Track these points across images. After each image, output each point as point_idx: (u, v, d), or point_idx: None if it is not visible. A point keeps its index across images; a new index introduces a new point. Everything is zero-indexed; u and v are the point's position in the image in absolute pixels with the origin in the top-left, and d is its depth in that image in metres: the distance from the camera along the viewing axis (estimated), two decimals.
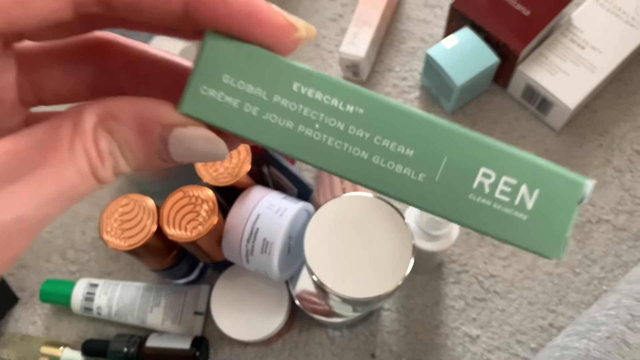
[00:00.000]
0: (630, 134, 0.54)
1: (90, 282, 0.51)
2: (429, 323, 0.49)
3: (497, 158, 0.15)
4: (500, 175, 0.15)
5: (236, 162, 0.42)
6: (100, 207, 0.56)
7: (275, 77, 0.15)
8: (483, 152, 0.15)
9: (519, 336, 0.48)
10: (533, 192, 0.15)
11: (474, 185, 0.15)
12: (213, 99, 0.15)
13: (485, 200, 0.15)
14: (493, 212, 0.15)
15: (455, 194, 0.15)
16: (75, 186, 0.14)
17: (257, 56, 0.15)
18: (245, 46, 0.15)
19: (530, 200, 0.15)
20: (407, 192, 0.16)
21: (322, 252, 0.38)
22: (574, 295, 0.49)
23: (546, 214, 0.15)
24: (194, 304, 0.50)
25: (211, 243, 0.42)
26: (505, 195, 0.15)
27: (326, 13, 0.63)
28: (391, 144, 0.15)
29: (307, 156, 0.15)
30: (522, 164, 0.15)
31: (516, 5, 0.53)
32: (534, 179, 0.15)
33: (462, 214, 0.16)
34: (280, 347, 0.50)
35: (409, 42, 0.60)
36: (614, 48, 0.52)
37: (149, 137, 0.15)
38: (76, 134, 0.14)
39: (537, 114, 0.55)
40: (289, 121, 0.15)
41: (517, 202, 0.15)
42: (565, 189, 0.15)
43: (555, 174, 0.15)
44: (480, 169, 0.15)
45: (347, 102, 0.15)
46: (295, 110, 0.15)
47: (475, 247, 0.51)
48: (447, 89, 0.52)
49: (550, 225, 0.15)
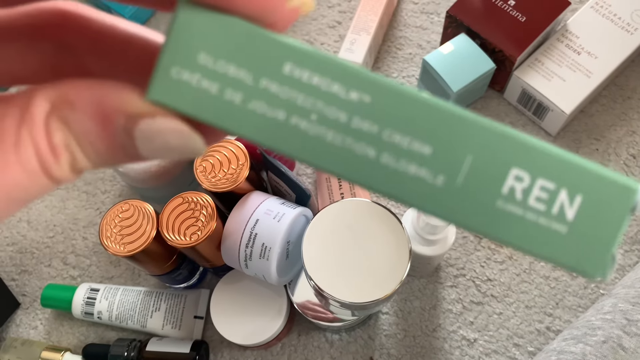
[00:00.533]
0: (626, 139, 0.54)
1: (91, 287, 0.51)
2: (426, 326, 0.50)
3: (531, 157, 0.13)
4: (535, 178, 0.13)
5: (235, 167, 0.42)
6: (101, 213, 0.57)
7: (263, 56, 0.12)
8: (515, 149, 0.13)
9: (516, 340, 0.49)
10: (574, 198, 0.13)
11: (504, 190, 0.13)
12: (187, 84, 0.12)
13: (517, 208, 0.13)
14: (526, 223, 0.13)
15: (480, 200, 0.13)
16: (22, 186, 0.12)
17: (241, 31, 0.12)
18: (227, 19, 0.12)
19: (571, 208, 0.13)
20: (422, 198, 0.13)
21: (320, 257, 0.38)
22: (570, 299, 0.49)
23: (590, 226, 0.13)
24: (194, 308, 0.51)
25: (210, 248, 0.42)
26: (541, 202, 0.13)
27: (324, 20, 0.63)
28: (404, 139, 0.13)
29: (301, 154, 0.13)
30: (562, 165, 0.13)
31: (512, 12, 0.53)
32: (576, 183, 0.13)
33: (489, 225, 0.13)
34: (279, 350, 0.50)
35: (406, 49, 0.61)
36: (610, 53, 0.53)
37: (110, 128, 0.12)
38: (23, 124, 0.11)
39: (533, 119, 0.55)
40: (279, 111, 0.12)
41: (555, 211, 0.13)
42: (614, 196, 0.13)
43: (601, 178, 0.13)
44: (511, 170, 0.13)
45: (351, 88, 0.12)
46: (287, 97, 0.12)
47: (472, 251, 0.52)
48: (443, 94, 0.53)
49: (595, 239, 0.13)
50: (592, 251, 0.13)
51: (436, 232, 0.42)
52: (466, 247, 0.52)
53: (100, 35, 0.14)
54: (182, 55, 0.12)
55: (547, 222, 0.13)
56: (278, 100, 0.12)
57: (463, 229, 0.15)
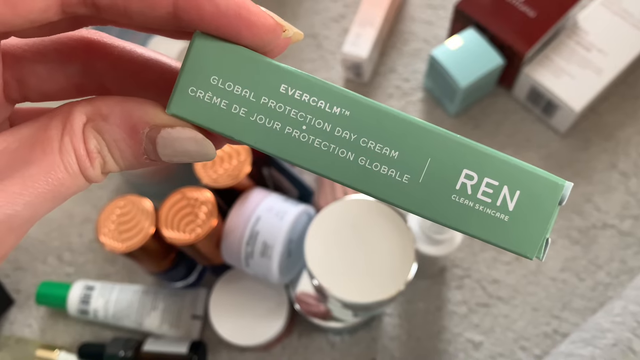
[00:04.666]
0: (636, 138, 0.53)
1: (86, 285, 0.50)
2: (431, 329, 0.49)
3: (479, 160, 0.16)
4: (483, 176, 0.16)
5: (236, 163, 0.41)
6: (98, 209, 0.56)
7: (263, 78, 0.15)
8: (466, 153, 0.16)
9: (522, 342, 0.47)
10: (514, 193, 0.16)
11: (457, 187, 0.16)
12: (201, 100, 0.15)
13: (468, 201, 0.16)
14: (475, 213, 0.16)
15: (438, 195, 0.16)
16: (65, 185, 0.14)
17: (245, 58, 0.15)
18: (233, 47, 0.15)
19: (511, 201, 0.16)
20: (392, 194, 0.16)
21: (323, 256, 0.37)
22: (578, 301, 0.48)
23: (527, 215, 0.16)
24: (192, 307, 0.49)
25: (210, 246, 0.41)
26: (487, 196, 0.16)
27: (328, 13, 0.62)
28: (377, 145, 0.16)
29: (294, 157, 0.16)
30: (504, 166, 0.16)
31: (521, 7, 0.52)
32: (515, 180, 0.16)
33: (445, 215, 0.16)
34: (280, 352, 0.49)
35: (412, 44, 0.60)
36: (620, 51, 0.52)
37: (137, 137, 0.15)
38: (65, 133, 0.14)
39: (541, 117, 0.54)
40: (276, 122, 0.16)
41: (498, 203, 0.16)
42: (545, 191, 0.16)
43: (535, 176, 0.16)
44: (463, 171, 0.16)
45: (334, 105, 0.16)
46: (283, 111, 0.16)
47: (479, 252, 0.51)
48: (450, 90, 0.52)
49: (531, 226, 0.16)
50: (529, 236, 0.16)
51: (443, 232, 0.41)
52: (472, 247, 0.51)
53: (121, 59, 0.17)
54: (197, 77, 0.15)
55: (492, 212, 0.16)
56: (275, 113, 0.16)
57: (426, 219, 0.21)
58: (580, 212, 0.51)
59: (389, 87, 0.58)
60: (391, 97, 0.57)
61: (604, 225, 0.51)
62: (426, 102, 0.57)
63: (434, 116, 0.56)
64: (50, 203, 0.14)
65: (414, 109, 0.57)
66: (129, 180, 0.53)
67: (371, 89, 0.58)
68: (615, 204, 0.51)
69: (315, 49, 0.61)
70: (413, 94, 0.57)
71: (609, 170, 0.52)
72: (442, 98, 0.55)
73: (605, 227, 0.50)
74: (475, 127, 0.55)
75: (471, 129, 0.55)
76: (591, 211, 0.51)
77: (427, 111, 0.56)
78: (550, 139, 0.54)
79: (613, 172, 0.52)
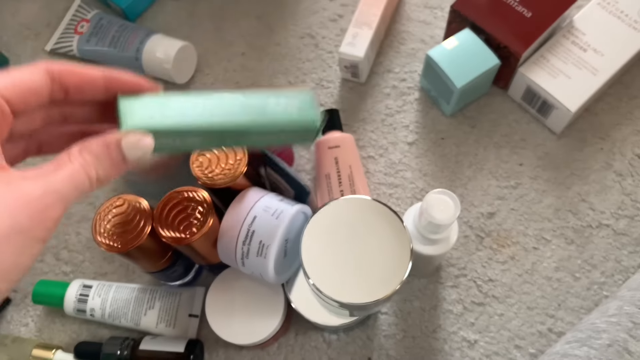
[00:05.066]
0: (632, 138, 0.53)
1: (83, 284, 0.50)
2: (426, 327, 0.49)
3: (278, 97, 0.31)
4: (280, 98, 0.31)
5: (232, 163, 0.41)
6: (95, 208, 0.56)
7: (161, 107, 0.28)
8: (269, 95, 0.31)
9: (517, 341, 0.48)
10: (293, 103, 0.31)
11: (270, 102, 0.31)
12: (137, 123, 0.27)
13: (275, 108, 0.31)
14: (279, 114, 0.31)
15: (257, 110, 0.30)
16: (83, 182, 0.25)
17: (148, 98, 0.29)
18: (143, 97, 0.28)
19: (294, 107, 0.31)
20: None
21: (319, 255, 0.37)
22: (573, 301, 0.49)
23: (305, 113, 0.31)
24: (189, 306, 0.50)
25: (206, 245, 0.41)
26: (282, 106, 0.31)
27: (326, 13, 0.62)
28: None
29: (181, 149, 0.29)
30: (288, 93, 0.32)
31: (517, 7, 0.52)
32: (294, 99, 0.31)
33: (262, 120, 0.30)
34: (276, 350, 0.49)
35: (408, 44, 0.60)
36: (616, 51, 0.52)
37: (110, 151, 0.26)
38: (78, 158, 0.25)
39: (537, 117, 0.54)
40: (173, 132, 0.28)
41: (289, 109, 0.31)
42: (309, 101, 0.32)
43: (306, 99, 0.32)
44: (269, 99, 0.31)
45: (200, 98, 0.29)
46: (182, 105, 0.29)
47: (474, 251, 0.51)
48: (447, 90, 0.52)
49: (307, 116, 0.31)
50: (306, 119, 0.31)
51: (438, 231, 0.41)
52: (468, 246, 0.51)
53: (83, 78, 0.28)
54: (129, 117, 0.27)
55: (286, 112, 0.31)
56: (172, 126, 0.28)
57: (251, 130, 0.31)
58: (576, 212, 0.51)
59: (385, 86, 0.58)
60: (388, 97, 0.58)
61: (599, 225, 0.51)
62: (422, 101, 0.57)
63: (430, 116, 0.56)
64: (76, 191, 0.25)
65: (410, 109, 0.57)
66: (126, 178, 0.53)
67: (368, 89, 0.58)
68: (610, 204, 0.51)
69: (313, 49, 0.61)
70: (410, 93, 0.57)
71: (604, 170, 0.53)
72: (439, 98, 0.55)
73: (600, 227, 0.51)
74: (472, 127, 0.55)
75: (467, 129, 0.55)
76: (586, 211, 0.51)
77: (423, 111, 0.57)
78: (546, 139, 0.54)
79: (608, 172, 0.52)
